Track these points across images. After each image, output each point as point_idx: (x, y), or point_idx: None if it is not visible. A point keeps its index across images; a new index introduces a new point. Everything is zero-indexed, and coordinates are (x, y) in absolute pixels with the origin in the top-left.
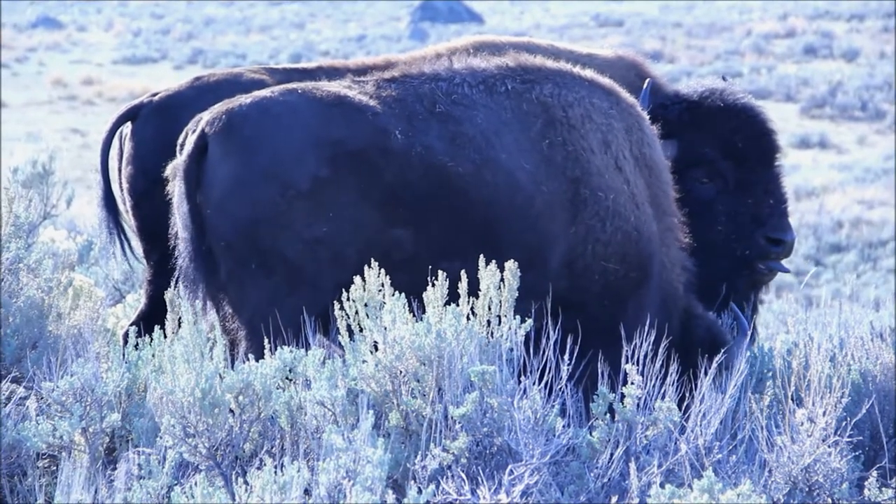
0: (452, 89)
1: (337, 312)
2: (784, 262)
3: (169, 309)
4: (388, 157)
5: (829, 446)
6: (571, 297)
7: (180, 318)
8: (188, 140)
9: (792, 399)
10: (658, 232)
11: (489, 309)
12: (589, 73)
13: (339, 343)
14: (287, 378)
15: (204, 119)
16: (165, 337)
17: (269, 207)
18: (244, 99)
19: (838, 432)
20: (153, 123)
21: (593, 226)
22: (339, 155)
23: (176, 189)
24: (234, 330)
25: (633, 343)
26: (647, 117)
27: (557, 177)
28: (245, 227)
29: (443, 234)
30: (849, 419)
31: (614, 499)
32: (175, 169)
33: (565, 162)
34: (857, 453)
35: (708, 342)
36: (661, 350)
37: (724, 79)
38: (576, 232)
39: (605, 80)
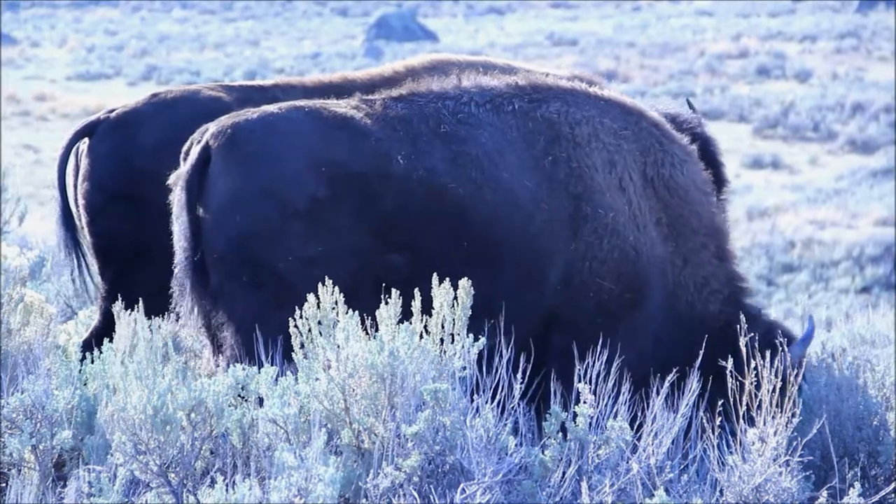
0: (459, 108)
1: (291, 330)
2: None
3: (117, 323)
4: (388, 182)
5: (779, 466)
6: (564, 314)
7: (132, 333)
8: (192, 150)
9: (743, 418)
10: (676, 254)
11: (442, 327)
12: (607, 93)
13: None
14: (240, 395)
15: (210, 130)
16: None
17: (265, 224)
18: (251, 113)
19: (789, 452)
20: (110, 140)
21: (592, 243)
22: (338, 177)
23: (176, 198)
24: (223, 339)
25: (586, 362)
26: (679, 138)
27: (559, 193)
28: (237, 241)
29: (438, 255)
30: (800, 439)
31: None
32: (178, 178)
33: (568, 179)
34: (807, 473)
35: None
36: (612, 370)
37: (688, 102)
38: (575, 248)
39: (627, 101)
